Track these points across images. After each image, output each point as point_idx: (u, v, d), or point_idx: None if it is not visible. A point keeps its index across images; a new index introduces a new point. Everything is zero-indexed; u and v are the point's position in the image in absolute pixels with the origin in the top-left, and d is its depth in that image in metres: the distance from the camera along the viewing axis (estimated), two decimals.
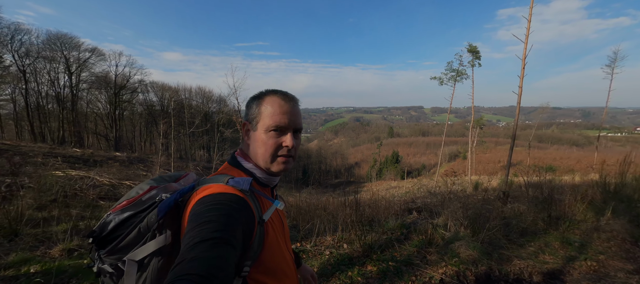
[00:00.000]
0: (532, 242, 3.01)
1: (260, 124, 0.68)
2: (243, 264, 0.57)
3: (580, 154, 45.23)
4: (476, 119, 43.05)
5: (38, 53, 23.12)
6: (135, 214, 0.59)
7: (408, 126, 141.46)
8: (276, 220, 0.70)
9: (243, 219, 0.55)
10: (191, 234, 0.48)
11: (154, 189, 0.65)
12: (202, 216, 0.52)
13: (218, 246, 0.46)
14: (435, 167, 64.15)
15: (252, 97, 0.72)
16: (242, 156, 0.73)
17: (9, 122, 24.61)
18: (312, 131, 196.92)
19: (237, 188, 0.60)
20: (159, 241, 0.58)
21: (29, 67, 23.47)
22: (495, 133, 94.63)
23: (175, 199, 0.62)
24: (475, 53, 20.98)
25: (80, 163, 15.55)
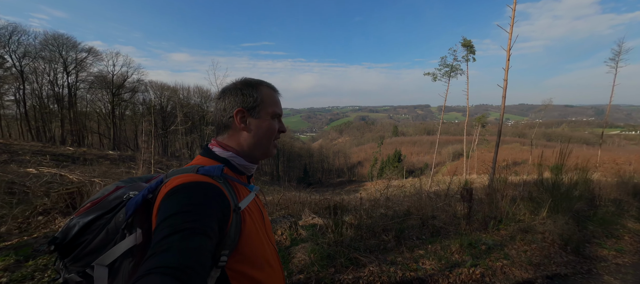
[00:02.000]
0: (431, 244, 2.64)
1: (264, 111, 0.68)
2: (220, 253, 0.53)
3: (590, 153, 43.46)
4: (478, 117, 42.09)
5: (36, 54, 23.55)
6: (101, 216, 0.56)
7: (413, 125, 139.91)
8: (254, 209, 0.68)
9: (217, 207, 0.52)
10: (162, 227, 0.45)
11: (120, 188, 0.63)
12: (172, 207, 0.49)
13: (191, 237, 0.43)
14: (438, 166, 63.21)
15: (246, 84, 0.70)
16: (219, 145, 0.69)
17: (14, 123, 25.21)
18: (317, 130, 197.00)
19: (209, 176, 0.58)
20: (129, 241, 0.54)
21: (28, 68, 23.93)
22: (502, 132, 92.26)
23: (144, 195, 0.57)
24: (469, 47, 20.32)
25: (69, 161, 15.70)
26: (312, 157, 66.36)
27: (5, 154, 12.37)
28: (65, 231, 0.56)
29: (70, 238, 0.55)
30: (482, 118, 39.27)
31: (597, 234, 3.38)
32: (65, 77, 25.72)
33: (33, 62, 23.86)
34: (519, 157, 47.99)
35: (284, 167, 59.09)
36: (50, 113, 26.00)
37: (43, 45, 23.77)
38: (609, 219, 3.97)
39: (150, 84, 35.08)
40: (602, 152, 42.49)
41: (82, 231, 0.55)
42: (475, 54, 20.60)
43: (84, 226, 0.55)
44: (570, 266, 2.42)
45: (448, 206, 3.74)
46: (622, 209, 4.53)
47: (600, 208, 4.45)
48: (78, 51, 26.10)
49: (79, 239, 0.55)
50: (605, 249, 2.96)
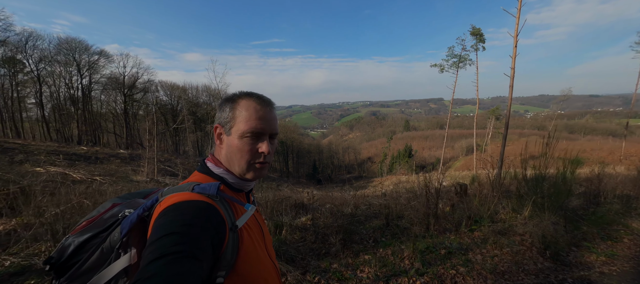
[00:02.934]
0: (385, 248, 2.35)
1: (235, 129, 0.64)
2: (216, 275, 0.51)
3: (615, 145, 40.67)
4: (492, 109, 40.36)
5: (51, 58, 24.58)
6: (96, 235, 0.56)
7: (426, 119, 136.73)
8: (253, 226, 0.65)
9: (211, 227, 0.51)
10: (150, 250, 0.44)
11: (116, 206, 0.62)
12: (163, 228, 0.47)
13: (179, 262, 0.42)
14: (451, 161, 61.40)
15: (225, 99, 0.67)
16: (213, 161, 0.67)
17: (36, 125, 26.58)
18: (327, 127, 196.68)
19: (204, 194, 0.56)
20: (123, 261, 0.53)
21: (45, 72, 25.04)
22: (520, 124, 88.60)
23: (139, 214, 0.56)
24: (478, 36, 19.31)
25: (81, 160, 16.32)
26: (322, 154, 66.25)
27: (21, 154, 12.97)
28: (61, 250, 0.55)
29: (65, 258, 0.54)
30: (496, 110, 37.63)
31: (590, 236, 2.97)
32: (79, 79, 26.76)
33: (49, 66, 24.92)
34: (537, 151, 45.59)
35: (294, 163, 59.37)
36: (67, 114, 27.18)
37: (57, 50, 24.78)
38: (610, 219, 3.52)
39: (161, 84, 35.97)
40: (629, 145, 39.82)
41: (77, 250, 0.54)
42: (485, 42, 19.56)
43: (79, 245, 0.54)
44: (542, 275, 2.08)
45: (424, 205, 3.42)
46: (630, 206, 4.02)
47: (603, 206, 3.97)
48: (90, 54, 27.05)
49: (74, 259, 0.54)
50: (595, 254, 2.56)
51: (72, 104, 26.97)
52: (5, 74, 22.40)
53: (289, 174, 50.38)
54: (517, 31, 10.55)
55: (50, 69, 24.85)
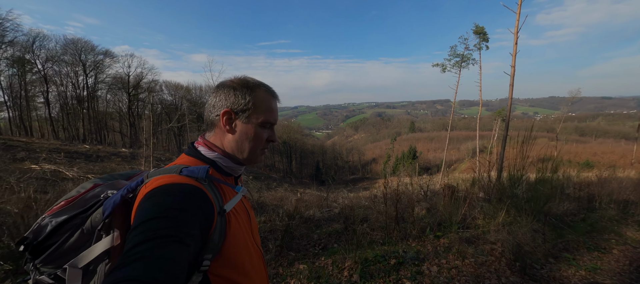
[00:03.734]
0: (327, 256, 2.14)
1: (254, 117, 0.64)
2: (202, 258, 0.51)
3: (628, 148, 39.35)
4: (498, 110, 39.52)
5: (57, 58, 25.08)
6: (76, 215, 0.54)
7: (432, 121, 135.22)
8: (241, 211, 0.65)
9: (199, 211, 0.50)
10: (136, 232, 0.43)
11: (98, 186, 0.61)
12: (149, 210, 0.46)
13: (166, 245, 0.41)
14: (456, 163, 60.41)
15: (241, 85, 0.65)
16: (205, 145, 0.65)
17: (45, 124, 27.15)
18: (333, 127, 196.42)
19: (192, 177, 0.54)
20: (105, 243, 0.51)
21: (53, 71, 25.57)
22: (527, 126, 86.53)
23: (123, 195, 0.54)
24: (482, 35, 18.84)
25: (82, 158, 16.50)
26: (325, 155, 66.06)
27: (23, 151, 13.18)
28: (37, 230, 0.53)
29: (41, 238, 0.52)
30: (502, 112, 36.72)
31: (575, 246, 2.70)
32: (85, 79, 27.25)
33: (56, 66, 25.43)
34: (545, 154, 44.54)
35: (297, 164, 59.33)
36: (74, 114, 27.68)
37: (64, 50, 25.26)
38: (602, 226, 3.23)
39: (165, 84, 36.38)
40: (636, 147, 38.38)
41: (54, 230, 0.52)
42: (488, 41, 19.07)
43: (57, 226, 0.52)
44: None
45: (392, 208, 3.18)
46: (627, 213, 3.71)
47: (598, 212, 3.67)
48: (96, 54, 27.53)
49: (51, 240, 0.52)
50: (574, 267, 2.30)
51: (78, 103, 27.47)
52: (14, 73, 22.93)
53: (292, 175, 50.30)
54: (518, 27, 10.16)
55: (57, 69, 25.34)
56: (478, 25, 18.93)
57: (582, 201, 4.11)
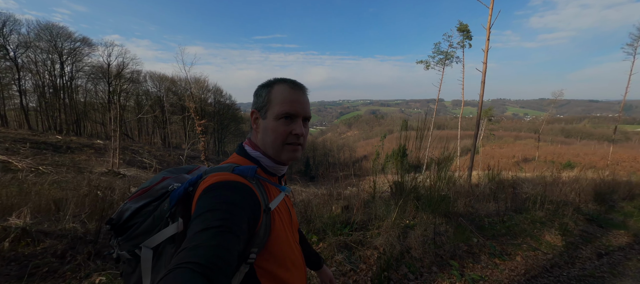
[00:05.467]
0: None
1: (270, 112, 0.67)
2: (249, 251, 0.57)
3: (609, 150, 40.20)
4: (485, 110, 39.79)
5: (29, 43, 23.86)
6: (149, 203, 0.62)
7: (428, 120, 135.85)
8: (283, 210, 0.69)
9: (248, 207, 0.55)
10: (195, 222, 0.49)
11: (166, 179, 0.67)
12: (207, 204, 0.52)
13: (220, 235, 0.46)
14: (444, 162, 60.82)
15: (261, 86, 0.71)
16: (250, 145, 0.71)
17: (31, 113, 25.92)
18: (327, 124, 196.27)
19: (242, 176, 0.60)
20: (172, 229, 0.58)
21: (28, 59, 24.35)
22: (517, 127, 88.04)
23: (185, 188, 0.62)
24: (466, 32, 18.65)
25: (50, 149, 15.77)
26: (316, 151, 65.84)
27: None
28: (120, 213, 0.62)
29: (123, 220, 0.61)
30: (488, 111, 36.96)
31: (476, 250, 2.44)
32: (61, 67, 26.08)
33: (30, 52, 24.21)
34: (530, 154, 45.28)
35: None
36: (49, 103, 26.54)
37: (38, 36, 24.05)
38: (520, 229, 2.98)
39: (150, 75, 35.28)
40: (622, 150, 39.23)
41: (133, 215, 0.61)
42: (472, 39, 18.91)
43: (135, 211, 0.61)
44: None
45: None
46: (556, 214, 3.48)
47: (525, 213, 3.43)
48: (73, 41, 26.34)
49: (130, 222, 0.61)
50: (454, 276, 2.02)
51: (55, 92, 26.32)
52: None
53: None
54: (490, 23, 9.98)
55: (32, 57, 24.12)
56: (462, 22, 18.75)
57: (517, 201, 3.88)
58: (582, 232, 3.19)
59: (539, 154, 44.60)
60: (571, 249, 2.74)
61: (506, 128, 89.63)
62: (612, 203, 5.01)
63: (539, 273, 2.22)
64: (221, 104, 41.43)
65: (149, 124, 37.12)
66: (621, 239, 3.19)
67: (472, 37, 18.95)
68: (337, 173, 6.64)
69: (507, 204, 3.77)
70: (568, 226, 3.22)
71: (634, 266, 2.47)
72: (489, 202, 3.63)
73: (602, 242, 3.03)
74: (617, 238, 3.19)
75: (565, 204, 3.82)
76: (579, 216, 3.56)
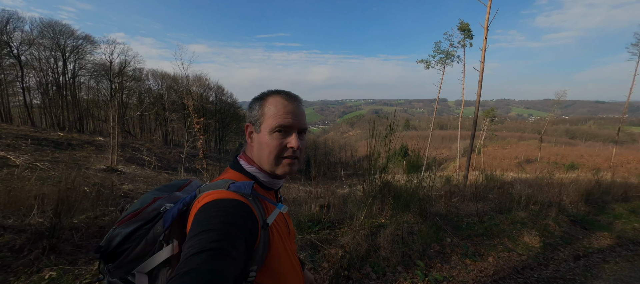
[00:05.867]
0: None
1: (264, 125, 0.65)
2: (249, 270, 0.56)
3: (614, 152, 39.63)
4: (487, 110, 39.48)
5: (33, 40, 24.10)
6: (140, 227, 0.59)
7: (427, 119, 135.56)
8: (281, 223, 0.67)
9: (245, 225, 0.54)
10: (189, 244, 0.48)
11: (157, 200, 0.65)
12: (202, 224, 0.51)
13: (215, 258, 0.45)
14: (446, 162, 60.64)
15: (255, 99, 0.70)
16: (245, 159, 0.69)
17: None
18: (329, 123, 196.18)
19: (239, 193, 0.58)
20: (166, 252, 0.57)
21: (31, 56, 24.61)
22: (521, 128, 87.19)
23: (179, 208, 0.61)
24: (466, 31, 18.48)
25: (51, 146, 15.97)
26: (317, 150, 65.91)
27: None
28: (109, 239, 0.58)
29: (113, 247, 0.58)
30: (490, 111, 36.74)
31: (450, 250, 2.40)
32: (63, 64, 26.33)
33: (33, 50, 24.45)
34: (533, 155, 44.85)
35: None
36: (52, 100, 26.82)
37: (41, 33, 24.29)
38: (498, 229, 2.94)
39: (152, 73, 35.50)
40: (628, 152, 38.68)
41: (124, 240, 0.58)
42: (472, 38, 18.73)
43: (126, 236, 0.58)
44: None
45: None
46: (539, 215, 3.43)
47: (507, 213, 3.39)
48: (75, 39, 26.57)
49: (121, 248, 0.58)
50: (418, 277, 1.99)
51: (58, 90, 26.59)
52: None
53: None
54: (488, 22, 9.87)
55: (36, 54, 24.37)
56: (463, 21, 18.58)
57: (503, 201, 3.82)
58: (563, 233, 3.13)
59: (541, 155, 44.19)
60: (548, 250, 2.70)
61: (510, 129, 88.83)
62: (604, 205, 4.93)
63: (508, 274, 2.19)
64: (222, 103, 41.66)
65: (151, 122, 37.41)
66: (603, 241, 3.14)
67: (473, 36, 18.78)
68: (337, 172, 6.52)
69: (492, 204, 3.72)
70: (549, 227, 3.17)
71: (609, 268, 2.42)
72: (477, 202, 3.58)
73: (582, 244, 2.98)
74: (599, 240, 3.14)
75: (550, 205, 3.76)
76: (563, 217, 3.51)
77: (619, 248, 2.98)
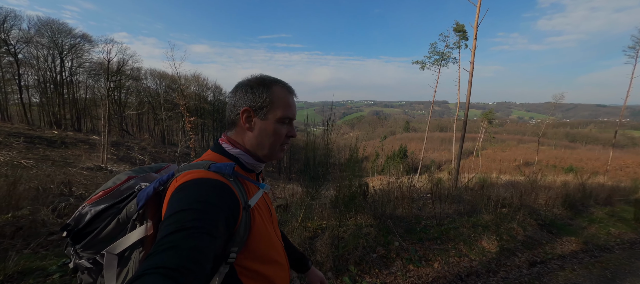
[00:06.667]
0: None
1: (272, 114, 0.66)
2: (229, 250, 0.54)
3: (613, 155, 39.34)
4: (485, 112, 39.25)
5: (30, 38, 24.14)
6: (112, 205, 0.57)
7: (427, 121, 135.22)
8: (263, 206, 0.67)
9: (225, 206, 0.53)
10: (167, 223, 0.46)
11: (132, 179, 0.64)
12: (180, 203, 0.49)
13: (194, 236, 0.44)
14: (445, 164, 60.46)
15: (256, 83, 0.67)
16: (229, 142, 0.68)
17: (34, 108, 26.30)
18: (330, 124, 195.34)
19: (220, 173, 0.57)
20: (139, 232, 0.54)
21: (29, 54, 24.64)
22: (521, 130, 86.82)
23: (155, 187, 0.57)
24: (462, 33, 18.36)
25: (43, 144, 15.93)
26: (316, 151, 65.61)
27: None
28: (78, 218, 0.56)
29: (82, 225, 0.55)
30: (489, 114, 36.54)
31: (394, 255, 2.28)
32: (61, 63, 26.36)
33: (31, 49, 24.49)
34: (532, 158, 44.60)
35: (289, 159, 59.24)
36: (50, 99, 26.83)
37: (38, 32, 24.32)
38: (456, 233, 2.82)
39: (151, 73, 35.57)
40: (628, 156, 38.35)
41: (93, 219, 0.56)
42: (468, 40, 18.60)
43: (95, 215, 0.55)
44: None
45: None
46: (505, 218, 3.29)
47: (472, 216, 3.26)
48: (73, 37, 26.60)
49: (90, 227, 0.55)
50: (345, 282, 1.86)
51: (54, 87, 26.61)
52: None
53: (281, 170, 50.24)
54: (477, 22, 9.74)
55: (35, 52, 24.40)
56: (458, 23, 18.46)
57: (476, 203, 3.69)
58: (527, 238, 3.00)
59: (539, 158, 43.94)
60: (504, 256, 2.57)
61: (510, 131, 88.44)
62: (584, 208, 4.79)
63: (450, 281, 2.06)
64: (221, 102, 41.76)
65: (150, 121, 37.46)
66: (567, 246, 3.00)
67: (469, 37, 18.63)
68: (337, 173, 6.41)
69: (460, 206, 3.59)
70: (513, 231, 3.03)
71: (564, 276, 2.29)
72: (434, 204, 3.45)
73: (544, 249, 2.85)
74: (564, 246, 3.00)
75: (522, 208, 3.63)
76: (531, 220, 3.37)
77: (583, 254, 2.85)
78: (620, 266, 2.52)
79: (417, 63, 20.89)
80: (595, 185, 7.00)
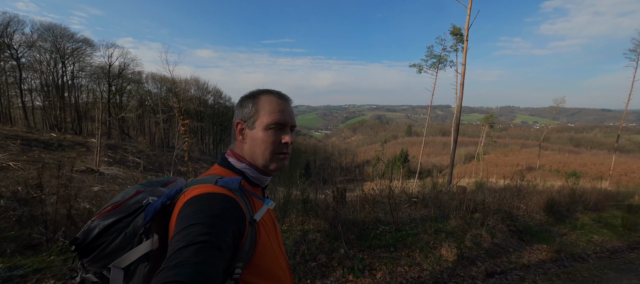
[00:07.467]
0: None
1: (259, 122, 0.67)
2: (234, 266, 0.54)
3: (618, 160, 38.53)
4: (485, 116, 38.86)
5: (33, 42, 24.50)
6: (120, 219, 0.57)
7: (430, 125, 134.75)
8: (268, 221, 0.67)
9: (233, 220, 0.53)
10: (177, 238, 0.47)
11: (140, 193, 0.64)
12: (189, 218, 0.50)
13: (204, 251, 0.45)
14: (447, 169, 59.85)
15: (246, 96, 0.71)
16: (234, 156, 0.69)
17: (38, 111, 26.61)
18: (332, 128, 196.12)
19: (227, 188, 0.58)
20: (145, 246, 0.55)
21: (32, 58, 24.99)
22: (524, 135, 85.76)
23: (163, 202, 0.59)
24: (458, 36, 18.19)
25: (40, 146, 16.02)
26: (317, 155, 65.67)
27: None
28: (86, 232, 0.57)
29: (90, 239, 0.56)
30: (489, 118, 36.15)
31: (337, 263, 2.13)
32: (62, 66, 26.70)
33: (34, 52, 24.84)
34: (535, 163, 43.91)
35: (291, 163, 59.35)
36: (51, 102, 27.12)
37: (41, 37, 24.68)
38: (413, 240, 2.64)
39: (152, 76, 35.89)
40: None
41: (102, 233, 0.56)
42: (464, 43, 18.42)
43: (104, 229, 0.56)
44: None
45: None
46: (475, 223, 3.09)
47: (438, 222, 3.07)
48: (75, 41, 26.97)
49: (98, 241, 0.56)
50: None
51: (56, 91, 26.92)
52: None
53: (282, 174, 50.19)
54: (468, 23, 9.62)
55: (38, 56, 24.75)
56: (455, 26, 18.31)
57: (443, 207, 3.50)
58: (493, 245, 2.80)
59: (542, 163, 43.20)
60: (462, 265, 2.38)
61: (513, 136, 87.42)
62: (569, 214, 4.56)
63: None
64: (221, 106, 41.93)
65: (151, 124, 37.69)
66: (536, 255, 2.79)
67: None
68: (338, 178, 6.23)
69: (430, 211, 3.41)
70: (480, 237, 2.84)
71: None
72: (425, 208, 3.27)
73: (509, 258, 2.65)
74: (532, 254, 2.80)
75: (495, 212, 3.43)
76: (503, 226, 3.17)
77: (551, 263, 2.65)
78: (588, 278, 2.32)
79: (414, 66, 20.75)
80: (588, 189, 6.75)
